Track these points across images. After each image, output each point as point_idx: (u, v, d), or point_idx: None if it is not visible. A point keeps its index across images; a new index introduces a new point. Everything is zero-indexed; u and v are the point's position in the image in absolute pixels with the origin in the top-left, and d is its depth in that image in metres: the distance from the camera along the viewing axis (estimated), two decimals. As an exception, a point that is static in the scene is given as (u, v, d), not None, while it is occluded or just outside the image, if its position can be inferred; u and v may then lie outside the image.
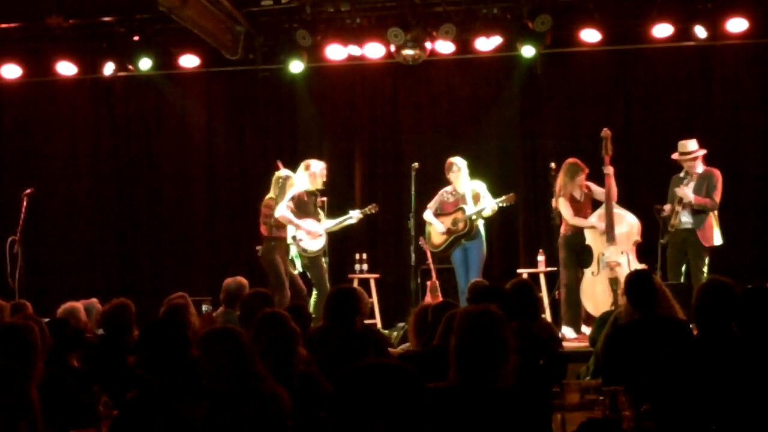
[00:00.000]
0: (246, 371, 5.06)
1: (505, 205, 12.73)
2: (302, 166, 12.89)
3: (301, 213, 12.75)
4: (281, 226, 12.66)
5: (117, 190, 15.99)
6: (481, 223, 12.79)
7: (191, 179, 15.87)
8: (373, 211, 13.22)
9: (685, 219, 12.08)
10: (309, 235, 12.71)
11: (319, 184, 12.86)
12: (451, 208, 12.81)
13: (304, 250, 12.73)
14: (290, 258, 12.90)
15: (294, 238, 12.78)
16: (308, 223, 12.73)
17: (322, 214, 12.98)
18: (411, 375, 3.42)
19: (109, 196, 15.98)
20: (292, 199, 12.72)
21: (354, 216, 13.09)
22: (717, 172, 12.19)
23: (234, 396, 4.98)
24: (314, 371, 5.92)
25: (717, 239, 12.10)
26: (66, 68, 15.17)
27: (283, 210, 12.66)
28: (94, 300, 10.24)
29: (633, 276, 7.51)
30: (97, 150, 16.05)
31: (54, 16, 14.11)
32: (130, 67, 14.78)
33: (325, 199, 13.30)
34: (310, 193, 12.81)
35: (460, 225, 12.71)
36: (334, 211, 13.37)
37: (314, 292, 12.68)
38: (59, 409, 5.81)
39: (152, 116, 16.03)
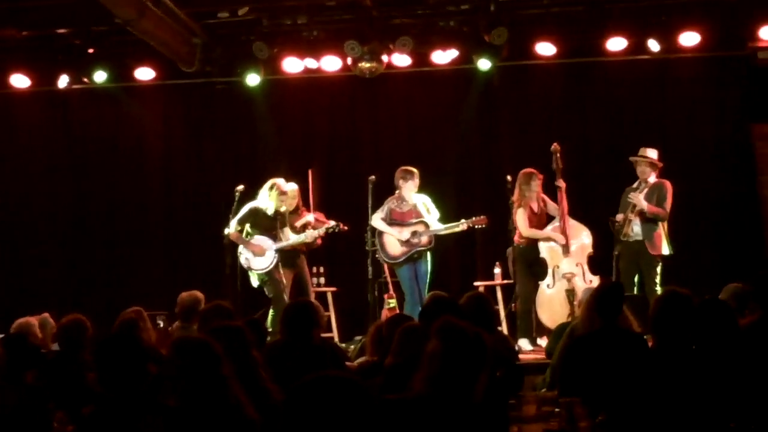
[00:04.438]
0: (222, 384, 5.01)
1: (476, 227, 12.77)
2: (268, 184, 12.83)
3: (258, 229, 12.73)
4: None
5: (73, 202, 15.89)
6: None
7: (148, 192, 15.79)
8: (337, 231, 13.09)
9: (637, 230, 12.24)
10: (253, 253, 12.69)
11: (280, 205, 12.79)
12: (403, 218, 12.75)
13: (251, 268, 12.72)
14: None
15: (240, 254, 12.78)
16: (256, 239, 12.70)
17: (288, 232, 12.89)
18: (362, 388, 3.43)
19: (64, 209, 15.88)
20: (242, 217, 12.71)
21: (318, 232, 13.00)
22: (668, 183, 12.42)
23: (204, 411, 4.91)
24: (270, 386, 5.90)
25: (665, 248, 12.26)
26: (20, 81, 15.06)
27: (231, 227, 12.69)
28: (46, 315, 10.16)
29: (606, 287, 7.54)
30: (53, 163, 15.94)
31: (8, 27, 14.01)
32: (85, 79, 14.71)
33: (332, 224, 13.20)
34: (267, 211, 12.75)
35: (424, 239, 12.66)
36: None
37: (271, 307, 12.65)
38: (14, 426, 5.76)
39: (109, 129, 15.93)
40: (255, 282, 12.85)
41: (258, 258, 12.70)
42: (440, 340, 4.86)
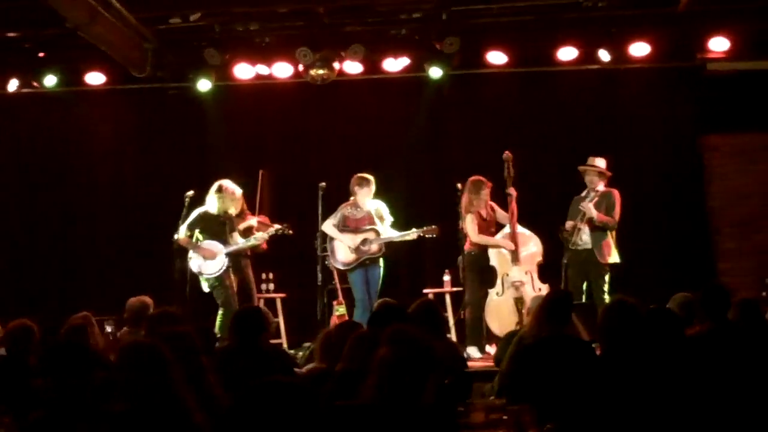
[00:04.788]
0: (170, 389, 4.98)
1: (427, 236, 12.80)
2: (215, 186, 12.82)
3: (207, 234, 12.70)
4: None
5: (21, 207, 15.76)
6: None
7: (98, 196, 15.68)
8: (286, 233, 13.13)
9: (586, 238, 12.34)
10: (204, 257, 12.65)
11: (229, 207, 12.80)
12: (357, 224, 12.78)
13: (201, 273, 12.68)
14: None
15: (190, 259, 12.74)
16: (206, 243, 12.68)
17: (236, 236, 12.90)
18: (310, 394, 3.43)
19: (12, 214, 15.75)
20: (191, 222, 12.68)
21: (267, 234, 13.02)
22: (616, 192, 12.54)
23: (152, 417, 4.88)
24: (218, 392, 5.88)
25: (614, 257, 12.38)
26: (-32, 84, 14.93)
27: (180, 232, 12.66)
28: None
29: (555, 295, 7.59)
30: (1, 167, 15.81)
31: (-44, 31, 13.90)
32: (35, 83, 14.58)
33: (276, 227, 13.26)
34: (216, 215, 12.74)
35: (374, 247, 12.70)
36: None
37: (220, 312, 12.61)
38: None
39: (59, 134, 15.82)
40: (205, 287, 12.82)
41: (209, 262, 12.69)
42: (390, 347, 4.86)
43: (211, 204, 12.78)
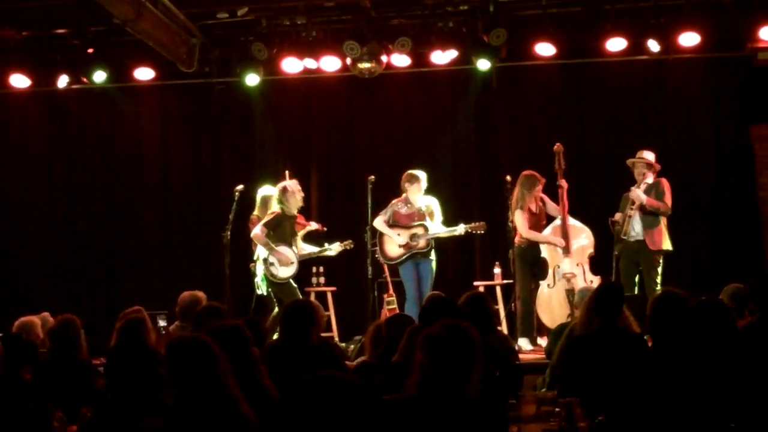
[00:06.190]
0: (218, 382, 5.01)
1: (474, 233, 12.77)
2: (278, 190, 12.73)
3: (276, 237, 12.63)
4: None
5: (71, 202, 15.88)
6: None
7: (146, 192, 15.78)
8: (349, 248, 13.12)
9: (638, 229, 12.22)
10: (280, 262, 12.59)
11: (298, 204, 12.77)
12: (406, 220, 12.76)
13: (273, 275, 12.60)
14: (256, 279, 12.83)
15: (265, 260, 12.66)
16: (282, 248, 12.60)
17: (299, 240, 12.90)
18: (359, 387, 3.43)
19: (62, 209, 15.87)
20: (269, 221, 12.61)
21: (334, 249, 13.02)
22: (665, 181, 12.46)
23: (201, 409, 4.91)
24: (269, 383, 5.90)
25: (666, 244, 12.24)
26: (19, 81, 15.04)
27: (258, 230, 12.56)
28: (45, 314, 10.15)
29: (605, 287, 7.55)
30: (51, 163, 15.95)
31: (7, 28, 13.99)
32: (84, 79, 14.67)
33: (314, 226, 13.31)
34: (289, 217, 12.70)
35: (422, 242, 12.67)
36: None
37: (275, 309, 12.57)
38: (12, 425, 5.74)
39: (107, 129, 15.92)
40: (264, 289, 12.74)
41: (284, 267, 12.59)
42: (425, 354, 4.86)
43: (283, 207, 12.65)
